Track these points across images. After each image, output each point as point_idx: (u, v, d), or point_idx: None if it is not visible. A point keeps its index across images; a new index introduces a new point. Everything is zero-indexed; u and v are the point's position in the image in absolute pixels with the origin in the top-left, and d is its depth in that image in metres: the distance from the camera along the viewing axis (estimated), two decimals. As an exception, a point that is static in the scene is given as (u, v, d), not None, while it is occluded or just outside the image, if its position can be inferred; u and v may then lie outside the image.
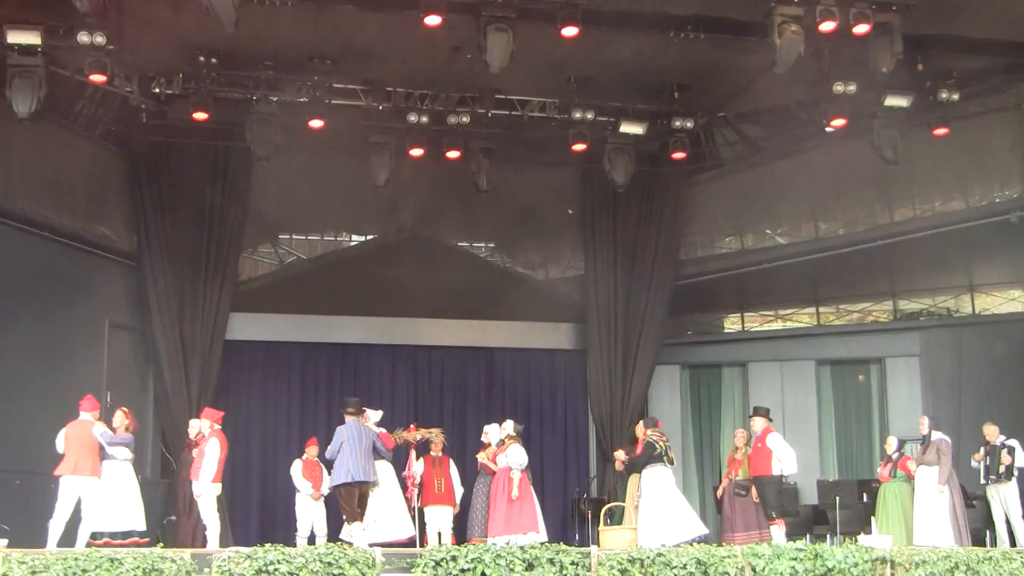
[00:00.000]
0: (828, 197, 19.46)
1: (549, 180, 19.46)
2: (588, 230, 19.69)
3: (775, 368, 20.29)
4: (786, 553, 12.41)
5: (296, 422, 18.94)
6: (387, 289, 19.14)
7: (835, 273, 19.73)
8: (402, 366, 19.70)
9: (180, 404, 17.43)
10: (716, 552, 12.43)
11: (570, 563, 12.07)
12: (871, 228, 19.37)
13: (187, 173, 17.89)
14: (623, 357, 19.35)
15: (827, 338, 20.57)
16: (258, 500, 18.56)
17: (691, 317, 21.45)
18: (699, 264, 20.76)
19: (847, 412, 20.35)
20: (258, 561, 11.61)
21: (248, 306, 18.86)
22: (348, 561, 11.77)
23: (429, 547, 12.66)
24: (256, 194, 18.52)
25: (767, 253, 20.33)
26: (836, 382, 20.47)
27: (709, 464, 20.43)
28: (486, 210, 19.27)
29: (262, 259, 20.55)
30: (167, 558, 11.57)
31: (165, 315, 17.70)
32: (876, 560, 12.56)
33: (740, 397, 20.60)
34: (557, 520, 18.82)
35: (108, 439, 13.57)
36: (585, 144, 16.93)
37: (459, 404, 19.77)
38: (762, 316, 21.47)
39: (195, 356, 17.74)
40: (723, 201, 20.20)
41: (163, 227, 17.77)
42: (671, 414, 20.12)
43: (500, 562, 11.88)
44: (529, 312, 19.83)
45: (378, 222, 20.38)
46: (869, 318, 20.85)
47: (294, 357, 19.38)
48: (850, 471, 19.67)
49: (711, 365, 21.09)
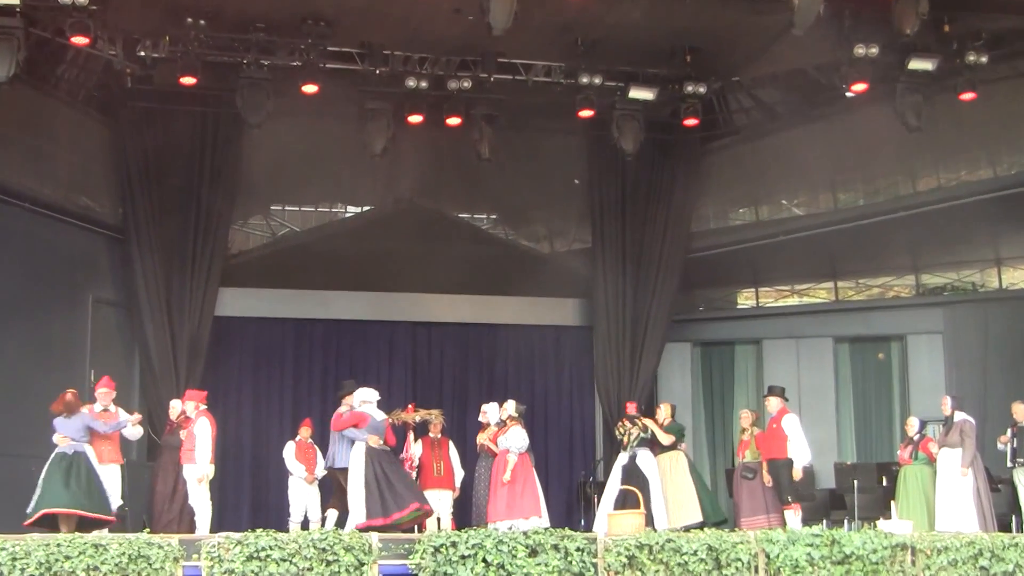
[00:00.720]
0: (848, 166, 19.41)
1: (555, 148, 19.42)
2: (595, 201, 19.64)
3: (791, 346, 20.25)
4: (801, 539, 12.43)
5: (289, 402, 18.96)
6: (384, 263, 19.12)
7: (854, 246, 19.66)
8: (400, 343, 19.70)
9: (168, 383, 17.42)
10: (728, 538, 12.46)
11: (575, 549, 12.11)
12: (893, 199, 19.33)
13: (174, 141, 17.84)
14: (631, 334, 19.34)
15: (846, 314, 20.53)
16: (249, 484, 18.56)
17: (703, 292, 21.41)
18: (712, 236, 20.74)
19: (866, 392, 20.32)
20: (249, 547, 11.65)
21: (239, 281, 18.85)
22: (343, 547, 11.80)
23: (428, 532, 12.67)
24: (247, 163, 18.46)
25: (783, 225, 20.28)
26: (855, 360, 20.42)
27: (721, 446, 20.41)
28: (488, 180, 19.24)
29: (253, 231, 20.53)
30: (154, 544, 11.59)
31: (152, 290, 17.68)
32: (896, 546, 12.57)
33: (754, 376, 20.58)
34: (562, 505, 18.85)
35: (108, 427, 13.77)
36: (592, 110, 16.89)
37: (459, 383, 19.78)
38: (777, 291, 21.42)
39: (183, 333, 17.73)
40: (737, 170, 20.15)
41: (149, 198, 17.73)
42: (681, 393, 20.11)
43: (502, 548, 11.92)
44: (533, 287, 19.84)
45: (375, 193, 20.34)
46: (890, 293, 20.80)
47: (287, 334, 19.37)
48: (869, 454, 19.66)
49: (724, 343, 21.07)
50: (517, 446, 14.98)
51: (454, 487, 16.33)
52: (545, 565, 11.95)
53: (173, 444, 14.94)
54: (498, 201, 20.84)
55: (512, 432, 15.09)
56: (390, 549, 12.11)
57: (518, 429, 15.12)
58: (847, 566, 12.38)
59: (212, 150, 18.04)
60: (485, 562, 11.85)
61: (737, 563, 12.27)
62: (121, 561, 11.40)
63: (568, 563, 12.04)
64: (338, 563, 11.75)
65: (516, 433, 15.08)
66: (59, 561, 11.25)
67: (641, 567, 12.18)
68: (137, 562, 11.46)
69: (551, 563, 11.97)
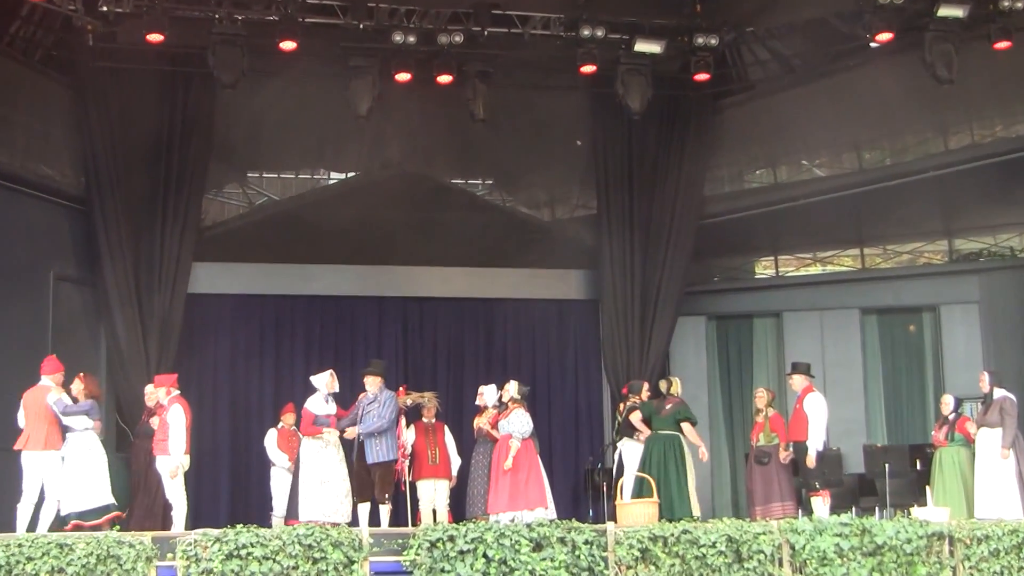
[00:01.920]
0: (873, 123, 19.31)
1: (555, 107, 19.30)
2: (600, 164, 19.59)
3: (814, 318, 20.22)
4: (829, 528, 12.43)
5: (270, 386, 18.92)
6: (372, 234, 19.05)
7: (882, 209, 19.58)
8: (390, 321, 19.68)
9: (137, 366, 17.36)
10: (750, 528, 12.46)
11: (583, 542, 12.12)
12: (923, 157, 19.25)
13: (141, 104, 17.74)
14: (641, 308, 19.31)
15: (873, 283, 20.47)
16: (228, 475, 18.55)
17: (718, 261, 21.34)
18: (727, 201, 20.68)
19: (896, 368, 20.26)
20: (228, 545, 11.64)
21: (214, 254, 18.79)
22: (331, 543, 11.79)
23: (423, 526, 12.62)
24: (221, 127, 18.40)
25: (804, 187, 20.22)
26: (884, 333, 20.36)
27: (740, 428, 20.33)
28: (483, 143, 19.14)
29: (229, 201, 20.45)
30: (124, 543, 11.55)
31: (118, 265, 17.60)
32: (932, 536, 12.56)
33: (774, 352, 20.56)
34: (568, 494, 18.86)
35: (62, 407, 13.48)
36: (595, 66, 16.84)
37: (455, 364, 19.78)
38: (799, 259, 21.37)
39: (153, 312, 17.67)
40: (753, 129, 20.07)
41: (115, 166, 17.63)
42: (696, 371, 20.11)
43: (504, 542, 11.92)
44: (533, 258, 19.81)
45: (360, 158, 20.26)
46: (921, 260, 20.73)
47: (267, 312, 19.34)
48: (901, 435, 19.63)
49: (741, 315, 21.04)
50: (520, 431, 14.83)
51: (450, 476, 16.32)
52: (551, 560, 11.94)
53: (146, 433, 14.85)
54: (494, 165, 20.75)
55: (515, 416, 14.94)
56: (382, 545, 12.13)
57: (521, 412, 14.98)
58: (879, 557, 12.38)
59: (182, 113, 17.95)
60: (486, 557, 11.86)
61: (760, 555, 12.27)
62: (88, 562, 11.37)
63: (576, 557, 12.03)
64: (325, 560, 11.74)
65: (519, 417, 14.92)
66: (20, 563, 11.21)
67: (655, 561, 12.17)
68: (106, 562, 11.44)
69: (557, 558, 11.96)
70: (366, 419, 14.95)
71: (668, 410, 15.54)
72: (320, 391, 15.06)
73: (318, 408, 14.96)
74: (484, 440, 15.75)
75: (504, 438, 14.93)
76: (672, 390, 15.84)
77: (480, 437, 15.86)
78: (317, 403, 14.99)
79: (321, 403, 15.00)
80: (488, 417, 15.66)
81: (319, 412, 14.94)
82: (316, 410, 14.94)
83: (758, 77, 19.75)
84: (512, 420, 14.91)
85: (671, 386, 15.91)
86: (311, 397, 15.08)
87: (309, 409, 14.99)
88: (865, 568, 12.28)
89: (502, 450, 14.87)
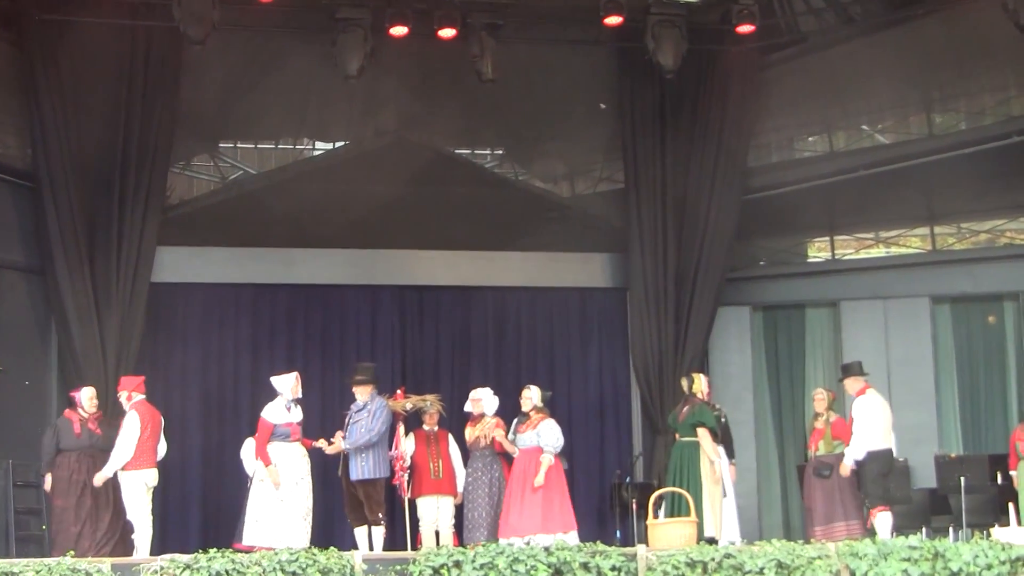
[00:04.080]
0: (945, 81, 19.33)
1: (575, 65, 19.39)
2: (627, 131, 19.62)
3: (877, 308, 20.19)
4: (896, 552, 12.37)
5: (247, 388, 18.89)
6: (364, 213, 19.07)
7: (955, 181, 19.53)
8: (385, 313, 19.73)
9: (93, 366, 17.38)
10: (803, 552, 12.42)
11: (610, 568, 12.14)
12: (1003, 120, 19.15)
13: (96, 64, 17.78)
14: (676, 297, 19.36)
15: (945, 267, 20.42)
16: (199, 492, 18.57)
17: (765, 243, 21.37)
18: (774, 173, 20.68)
19: (974, 365, 20.22)
20: (200, 572, 11.69)
21: (181, 238, 18.82)
22: (319, 570, 11.79)
23: (424, 549, 12.64)
24: (188, 90, 18.43)
25: (864, 156, 20.15)
26: (958, 325, 20.32)
27: (792, 436, 20.35)
28: (492, 107, 19.24)
29: (198, 175, 20.47)
30: (80, 570, 11.57)
31: (71, 250, 17.62)
32: (1017, 561, 12.50)
33: (830, 347, 20.54)
34: (592, 512, 18.89)
35: None
36: (622, 16, 16.86)
37: (460, 362, 19.82)
38: (859, 240, 21.38)
39: (112, 304, 17.70)
40: (805, 89, 20.05)
41: (66, 135, 17.63)
42: (740, 369, 20.16)
43: (519, 568, 11.94)
44: (550, 240, 19.87)
45: (350, 125, 20.26)
46: (1002, 240, 20.70)
47: (243, 303, 19.40)
48: (978, 443, 19.60)
49: (792, 305, 21.03)
50: (555, 445, 15.18)
51: (455, 492, 16.35)
52: (573, 589, 11.94)
53: (80, 445, 14.88)
54: (505, 133, 20.79)
55: (546, 427, 15.26)
56: (377, 571, 12.16)
57: (553, 424, 15.35)
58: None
59: (144, 74, 17.95)
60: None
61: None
62: (40, 591, 11.41)
63: (601, 586, 12.03)
64: (312, 590, 11.75)
65: (551, 429, 15.28)
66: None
67: (693, 590, 12.16)
68: (59, 592, 11.47)
69: (580, 586, 11.96)
70: (352, 430, 15.02)
71: (686, 413, 15.63)
72: (282, 396, 15.05)
73: (277, 416, 14.94)
74: (483, 455, 15.73)
75: (533, 452, 15.07)
76: (694, 388, 15.90)
77: (479, 451, 15.79)
78: (277, 411, 14.98)
79: (282, 411, 14.98)
80: (486, 427, 15.67)
81: (278, 421, 14.92)
82: (275, 419, 14.92)
83: (810, 28, 19.72)
84: (543, 432, 15.20)
85: (692, 384, 15.97)
86: (270, 404, 15.07)
87: (266, 419, 14.96)
88: (937, 598, 12.28)
89: (529, 466, 15.03)
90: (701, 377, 16.19)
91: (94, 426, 14.87)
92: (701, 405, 15.73)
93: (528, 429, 15.23)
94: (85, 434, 14.73)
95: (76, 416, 14.76)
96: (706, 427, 15.51)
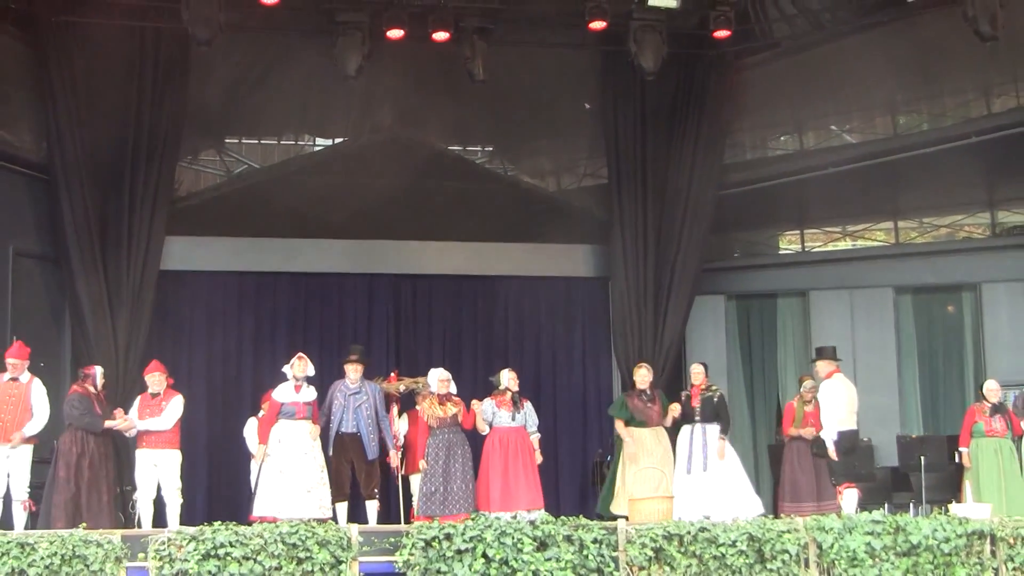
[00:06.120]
0: (909, 84, 19.30)
1: (561, 67, 19.35)
2: (610, 129, 19.54)
3: (843, 297, 20.23)
4: (860, 526, 12.41)
5: (249, 371, 18.94)
6: (361, 205, 19.03)
7: (918, 179, 19.58)
8: (380, 300, 19.71)
9: (105, 350, 17.31)
10: (773, 526, 12.45)
11: (592, 540, 12.12)
12: (963, 121, 19.23)
13: (108, 63, 17.69)
14: (655, 286, 19.30)
15: (908, 259, 20.46)
16: (205, 468, 18.54)
17: (739, 235, 21.39)
18: (749, 169, 20.71)
19: (934, 351, 20.29)
20: (205, 544, 11.65)
21: (188, 228, 18.78)
22: (317, 542, 11.79)
23: (416, 524, 12.63)
24: (196, 88, 18.33)
25: (833, 154, 20.19)
26: (920, 314, 20.38)
27: (764, 418, 20.40)
28: (483, 105, 19.19)
29: (204, 169, 20.45)
30: (91, 542, 11.57)
31: (84, 240, 17.55)
32: (972, 534, 12.53)
33: (800, 333, 20.55)
34: (575, 487, 18.89)
35: None
36: (605, 21, 16.79)
37: (451, 347, 19.78)
38: (827, 233, 21.38)
39: (122, 291, 17.63)
40: (778, 91, 20.03)
41: (79, 130, 17.55)
42: (715, 355, 20.08)
43: (506, 541, 11.91)
44: (538, 232, 19.87)
45: (348, 122, 20.28)
46: (961, 234, 20.72)
47: (246, 290, 19.38)
48: (938, 425, 19.66)
49: (764, 295, 21.04)
50: (536, 423, 15.48)
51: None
52: (556, 560, 11.93)
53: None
54: (495, 131, 20.78)
55: (531, 409, 15.53)
56: (372, 544, 12.13)
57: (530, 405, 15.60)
58: (914, 558, 12.37)
59: (153, 73, 17.87)
60: (486, 557, 11.84)
61: (784, 555, 12.26)
62: (52, 563, 11.42)
63: (584, 557, 12.03)
64: (311, 561, 11.75)
65: (533, 411, 15.57)
66: (-24, 564, 11.24)
67: (670, 561, 12.18)
68: (71, 563, 11.48)
69: (564, 558, 11.96)
70: (360, 412, 14.97)
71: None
72: (289, 378, 15.06)
73: (284, 396, 14.93)
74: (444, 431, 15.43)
75: (520, 431, 15.19)
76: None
77: (443, 427, 15.50)
78: (284, 391, 14.96)
79: (290, 391, 14.96)
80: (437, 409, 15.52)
81: (284, 400, 14.91)
82: (281, 398, 14.92)
83: (783, 34, 19.63)
84: (529, 413, 15.44)
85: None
86: (281, 384, 15.07)
87: (274, 398, 14.98)
88: (899, 569, 12.28)
89: (522, 442, 15.22)
90: (646, 368, 16.53)
91: (100, 401, 14.82)
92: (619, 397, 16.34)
93: (513, 410, 15.24)
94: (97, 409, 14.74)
95: (87, 392, 14.71)
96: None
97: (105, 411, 14.72)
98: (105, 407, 14.79)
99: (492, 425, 15.19)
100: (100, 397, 14.79)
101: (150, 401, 14.76)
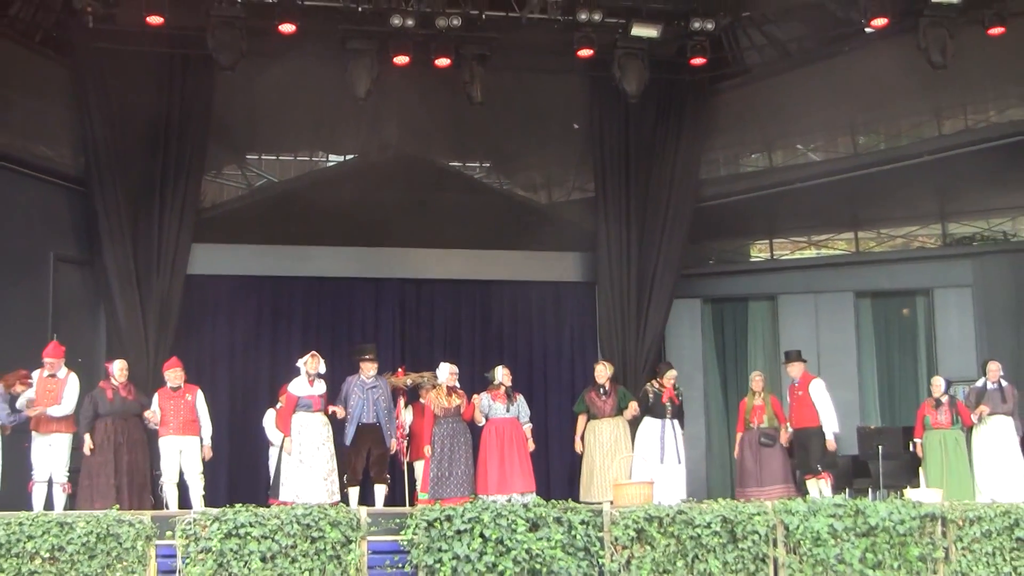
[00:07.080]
0: (868, 107, 19.28)
1: (552, 91, 19.29)
2: (597, 147, 19.53)
3: (808, 301, 20.24)
4: (823, 509, 12.45)
5: (267, 366, 18.86)
6: (369, 215, 19.01)
7: (876, 193, 19.58)
8: (387, 302, 19.65)
9: (137, 347, 17.33)
10: (744, 509, 12.46)
11: (579, 522, 12.15)
12: (917, 141, 19.25)
13: (140, 85, 17.69)
14: (637, 290, 19.28)
15: (867, 267, 20.47)
16: (227, 456, 18.42)
17: (713, 244, 21.37)
18: (722, 184, 20.67)
19: (890, 350, 20.32)
20: (227, 524, 11.68)
21: (212, 236, 18.75)
22: (329, 523, 11.81)
23: (420, 506, 12.63)
24: (220, 109, 18.33)
25: (799, 171, 20.21)
26: (878, 316, 20.42)
27: (736, 408, 20.29)
28: (481, 125, 19.16)
29: (227, 182, 20.40)
30: (124, 522, 11.59)
31: (118, 247, 17.57)
32: (925, 517, 12.57)
33: (769, 334, 20.57)
34: (564, 475, 18.84)
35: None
36: (592, 49, 16.80)
37: (452, 345, 19.66)
38: (794, 243, 21.37)
39: (152, 293, 17.64)
40: (749, 113, 20.01)
41: (114, 147, 17.59)
42: (691, 353, 20.13)
43: (501, 522, 11.94)
44: (530, 240, 19.79)
45: (358, 140, 20.20)
46: (915, 244, 20.75)
47: (264, 293, 19.32)
48: (894, 417, 19.65)
49: (736, 298, 21.03)
50: (529, 414, 15.42)
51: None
52: (547, 540, 11.96)
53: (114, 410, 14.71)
54: (491, 148, 20.70)
55: (524, 402, 15.41)
56: (380, 524, 12.15)
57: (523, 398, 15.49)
58: (872, 538, 12.41)
59: (181, 95, 17.89)
60: (483, 537, 11.87)
61: (754, 536, 12.29)
62: (88, 540, 11.44)
63: (572, 537, 12.06)
64: (323, 540, 11.78)
65: (525, 403, 15.46)
66: (20, 541, 11.24)
67: (651, 541, 12.20)
68: (106, 541, 11.51)
69: (554, 537, 11.98)
70: (379, 404, 14.92)
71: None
72: (303, 373, 15.01)
73: (300, 390, 14.89)
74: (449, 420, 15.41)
75: (513, 421, 15.14)
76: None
77: (448, 416, 15.48)
78: (299, 385, 14.92)
79: (304, 385, 14.92)
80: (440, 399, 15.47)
81: (301, 394, 14.87)
82: (298, 392, 14.88)
83: (754, 61, 19.68)
84: (522, 405, 15.34)
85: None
86: (295, 379, 15.04)
87: (291, 392, 14.92)
88: (858, 549, 12.31)
89: (515, 431, 15.13)
90: (604, 364, 16.53)
91: (126, 392, 14.68)
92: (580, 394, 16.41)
93: (507, 403, 15.23)
94: (118, 400, 14.54)
95: (109, 385, 14.67)
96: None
97: (138, 398, 14.69)
98: (133, 396, 14.74)
99: (488, 417, 15.16)
100: (124, 387, 14.71)
101: (171, 394, 14.70)
